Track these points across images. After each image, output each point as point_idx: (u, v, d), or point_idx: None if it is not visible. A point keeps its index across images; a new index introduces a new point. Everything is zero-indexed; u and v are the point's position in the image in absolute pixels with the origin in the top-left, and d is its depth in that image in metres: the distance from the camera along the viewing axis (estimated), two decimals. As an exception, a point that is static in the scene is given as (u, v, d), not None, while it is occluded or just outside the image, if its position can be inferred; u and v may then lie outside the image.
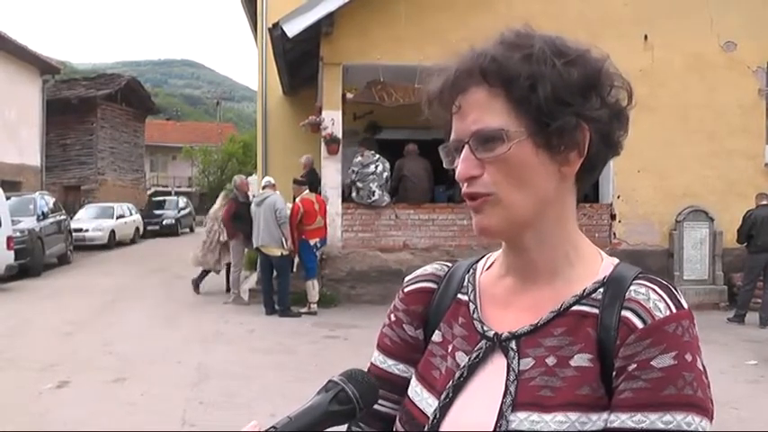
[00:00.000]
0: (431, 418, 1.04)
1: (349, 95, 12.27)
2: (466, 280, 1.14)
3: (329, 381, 0.98)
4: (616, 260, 1.06)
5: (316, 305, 11.29)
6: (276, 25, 11.49)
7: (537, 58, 0.97)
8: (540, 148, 0.98)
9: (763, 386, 7.39)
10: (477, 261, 1.18)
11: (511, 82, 0.97)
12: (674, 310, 0.94)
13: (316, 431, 0.94)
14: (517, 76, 0.97)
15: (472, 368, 1.04)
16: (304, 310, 11.23)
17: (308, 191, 11.42)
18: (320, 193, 11.90)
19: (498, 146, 0.97)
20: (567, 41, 1.01)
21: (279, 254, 11.18)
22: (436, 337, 1.12)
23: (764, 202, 10.83)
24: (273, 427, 0.92)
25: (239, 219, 12.31)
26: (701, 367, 0.93)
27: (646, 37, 12.43)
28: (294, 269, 11.63)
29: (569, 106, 0.97)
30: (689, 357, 0.92)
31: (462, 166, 1.00)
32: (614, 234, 12.52)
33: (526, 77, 0.96)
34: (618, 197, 12.52)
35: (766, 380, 7.62)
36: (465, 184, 1.01)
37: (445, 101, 1.03)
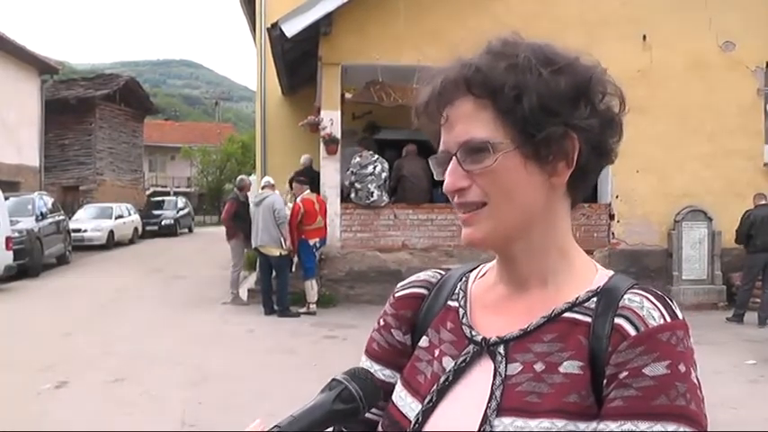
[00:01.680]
0: (413, 421, 1.02)
1: (348, 95, 12.26)
2: (458, 287, 1.13)
3: (333, 379, 0.98)
4: (611, 272, 1.04)
5: (315, 305, 11.29)
6: (275, 25, 11.48)
7: (522, 67, 0.96)
8: (529, 159, 0.97)
9: (762, 386, 7.38)
10: (471, 270, 1.17)
11: (496, 93, 0.96)
12: (668, 320, 0.92)
13: (319, 430, 0.94)
14: (502, 87, 0.96)
15: (458, 372, 1.02)
16: (303, 310, 11.22)
17: (308, 191, 11.42)
18: (320, 193, 11.88)
19: (485, 157, 0.96)
20: (555, 49, 1.00)
21: (278, 254, 11.18)
22: (423, 342, 1.10)
23: (763, 202, 10.83)
24: (277, 425, 0.91)
25: (239, 219, 12.33)
26: (695, 380, 0.90)
27: (644, 37, 12.43)
28: (293, 269, 11.63)
29: (557, 116, 0.95)
30: (682, 368, 0.89)
31: (450, 178, 1.00)
32: (613, 234, 12.52)
33: (511, 88, 0.95)
34: (617, 197, 12.52)
35: (765, 379, 7.62)
36: (455, 197, 1.01)
37: (432, 113, 1.02)
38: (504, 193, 0.98)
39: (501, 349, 1.00)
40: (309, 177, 12.02)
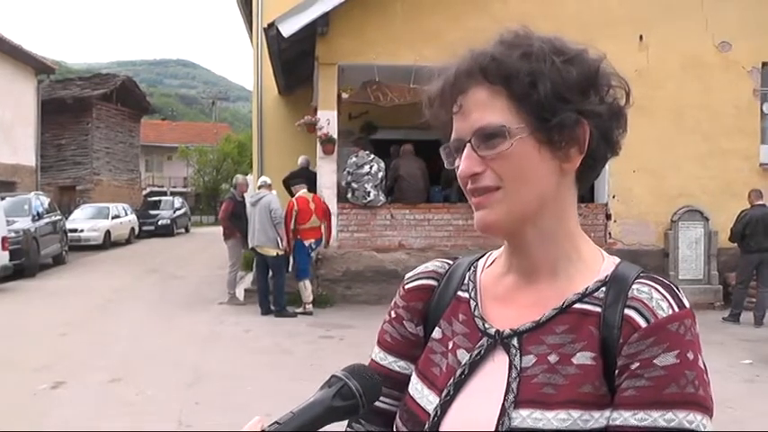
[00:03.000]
0: (432, 415, 1.04)
1: (344, 95, 12.26)
2: (467, 277, 1.15)
3: (332, 376, 0.98)
4: (618, 259, 1.07)
5: (311, 305, 11.27)
6: (271, 25, 11.47)
7: (536, 55, 0.99)
8: (543, 145, 0.99)
9: (758, 385, 7.40)
10: (479, 259, 1.18)
11: (511, 79, 0.98)
12: (676, 310, 0.95)
13: (319, 427, 0.94)
14: (517, 74, 0.98)
15: (473, 365, 1.04)
16: (299, 310, 11.21)
17: (305, 190, 11.40)
18: (316, 193, 11.86)
19: (500, 143, 0.98)
20: (564, 41, 1.03)
21: (274, 254, 11.17)
22: (436, 333, 1.12)
23: (759, 202, 10.83)
24: (276, 422, 0.91)
25: (237, 218, 12.31)
26: (702, 365, 0.94)
27: (641, 37, 12.45)
28: (290, 269, 11.61)
29: (569, 103, 0.98)
30: (691, 356, 0.93)
31: (465, 163, 1.01)
32: (610, 234, 12.53)
33: (526, 74, 0.98)
34: (613, 197, 12.53)
35: (762, 379, 7.64)
36: (469, 182, 1.02)
37: (446, 102, 1.04)
38: (518, 177, 0.99)
39: (515, 342, 1.03)
40: (305, 177, 12.01)
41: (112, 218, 27.15)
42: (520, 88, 0.98)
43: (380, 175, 12.00)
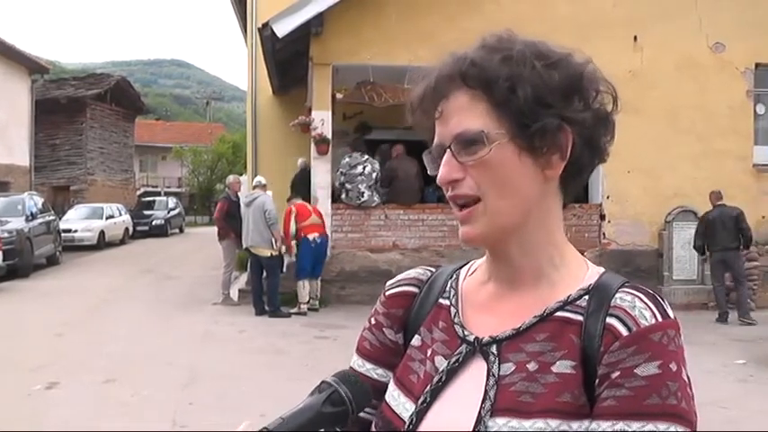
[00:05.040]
0: (407, 422, 1.02)
1: (339, 96, 12.25)
2: (448, 285, 1.13)
3: (322, 382, 0.97)
4: (602, 269, 1.04)
5: (306, 305, 11.26)
6: (266, 25, 11.47)
7: (516, 60, 0.97)
8: (523, 151, 0.97)
9: (751, 385, 7.42)
10: (461, 267, 1.16)
11: (490, 84, 0.96)
12: (659, 319, 0.92)
13: None
14: (496, 78, 0.96)
15: (451, 372, 1.02)
16: (294, 310, 11.20)
17: (300, 200, 11.51)
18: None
19: (479, 149, 0.96)
20: (549, 45, 1.00)
21: (268, 254, 11.16)
22: (415, 341, 1.10)
23: (719, 203, 11.02)
24: (266, 427, 0.91)
25: (232, 218, 12.30)
26: (685, 378, 0.91)
27: (635, 38, 12.47)
28: (284, 270, 11.60)
29: (550, 108, 0.96)
30: (674, 367, 0.90)
31: (444, 169, 0.99)
32: (604, 234, 12.54)
33: (505, 79, 0.96)
34: (608, 197, 12.55)
35: (755, 379, 7.66)
36: (449, 189, 1.00)
37: (427, 107, 1.02)
38: (498, 184, 0.97)
39: (494, 349, 1.00)
40: (307, 179, 12.08)
41: (106, 218, 27.09)
42: (499, 93, 0.96)
43: (374, 175, 11.99)
